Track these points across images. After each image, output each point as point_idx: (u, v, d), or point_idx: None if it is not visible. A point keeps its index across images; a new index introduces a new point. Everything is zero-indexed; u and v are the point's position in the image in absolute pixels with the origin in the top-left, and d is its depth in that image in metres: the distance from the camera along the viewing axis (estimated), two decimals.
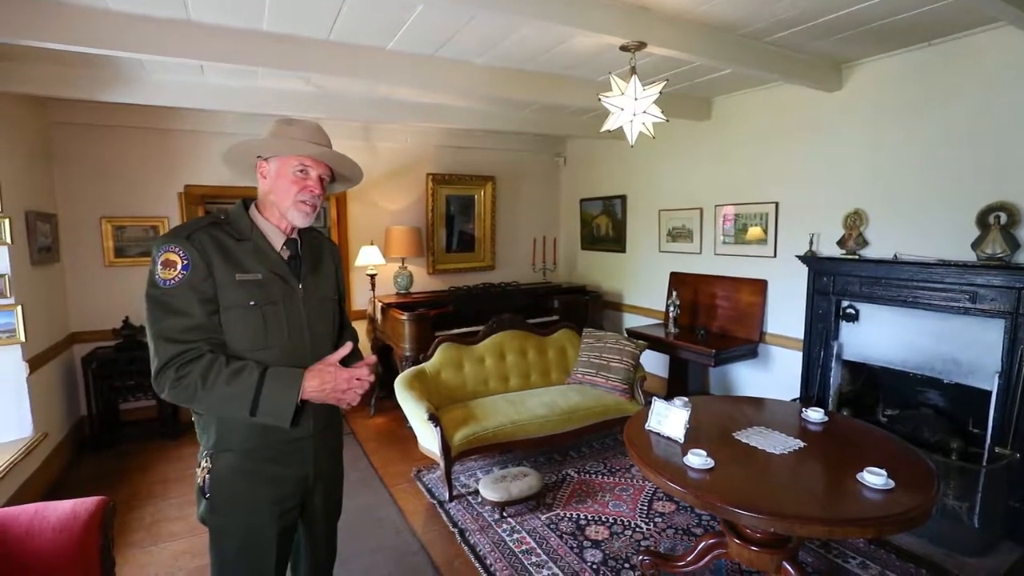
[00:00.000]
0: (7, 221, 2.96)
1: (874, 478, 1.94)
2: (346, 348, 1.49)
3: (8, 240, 2.97)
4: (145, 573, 2.53)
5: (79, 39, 2.38)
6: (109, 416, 4.02)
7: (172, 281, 1.29)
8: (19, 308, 3.01)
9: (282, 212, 1.45)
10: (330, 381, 1.40)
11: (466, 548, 2.69)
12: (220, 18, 2.54)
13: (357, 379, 1.45)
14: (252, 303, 1.38)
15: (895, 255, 3.13)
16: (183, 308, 1.30)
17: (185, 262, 1.30)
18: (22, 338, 3.03)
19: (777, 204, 3.87)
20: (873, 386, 3.53)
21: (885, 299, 3.15)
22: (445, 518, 2.96)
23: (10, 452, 2.76)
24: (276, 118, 1.51)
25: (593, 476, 3.41)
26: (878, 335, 3.30)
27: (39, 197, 3.61)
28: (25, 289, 3.16)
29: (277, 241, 1.48)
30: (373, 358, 1.56)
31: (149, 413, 4.26)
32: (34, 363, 3.19)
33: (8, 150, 3.20)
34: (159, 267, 1.30)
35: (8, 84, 3.01)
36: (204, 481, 1.40)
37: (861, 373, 3.52)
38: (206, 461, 1.40)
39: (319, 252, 1.62)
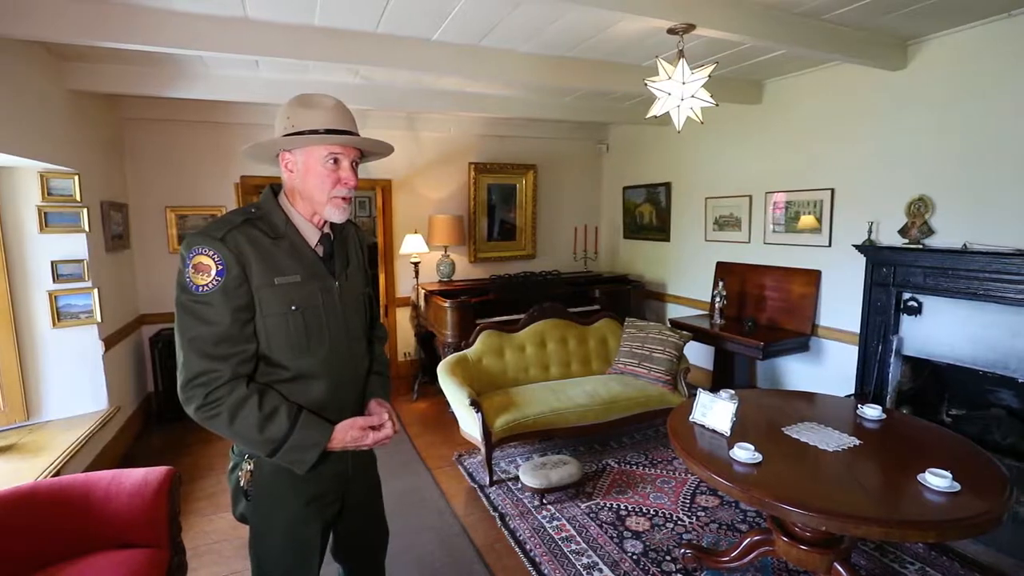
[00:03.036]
0: (85, 211, 3.19)
1: (937, 480, 1.84)
2: (380, 418, 1.42)
3: (86, 228, 3.20)
4: (207, 539, 2.70)
5: (147, 39, 2.53)
6: (173, 393, 4.27)
7: (205, 288, 1.20)
8: (96, 291, 3.24)
9: (316, 208, 1.35)
10: (354, 442, 1.36)
11: (506, 532, 2.73)
12: (274, 14, 2.63)
13: (386, 436, 1.41)
14: (293, 307, 1.30)
15: (964, 244, 2.93)
16: (215, 317, 1.21)
17: (220, 267, 1.21)
18: (98, 319, 3.26)
19: (833, 191, 3.69)
20: (937, 384, 3.33)
21: (952, 291, 2.96)
22: (485, 502, 3.02)
23: (89, 423, 2.99)
24: (290, 99, 1.34)
25: (634, 467, 3.39)
26: (943, 330, 3.11)
27: (112, 188, 3.87)
28: (100, 273, 3.40)
29: (312, 237, 1.38)
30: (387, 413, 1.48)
31: None
32: (108, 342, 3.43)
33: (87, 145, 3.45)
34: (191, 270, 1.21)
35: (86, 83, 3.24)
36: (246, 482, 1.37)
37: (923, 370, 3.33)
38: (247, 463, 1.36)
39: (347, 244, 1.52)
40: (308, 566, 1.44)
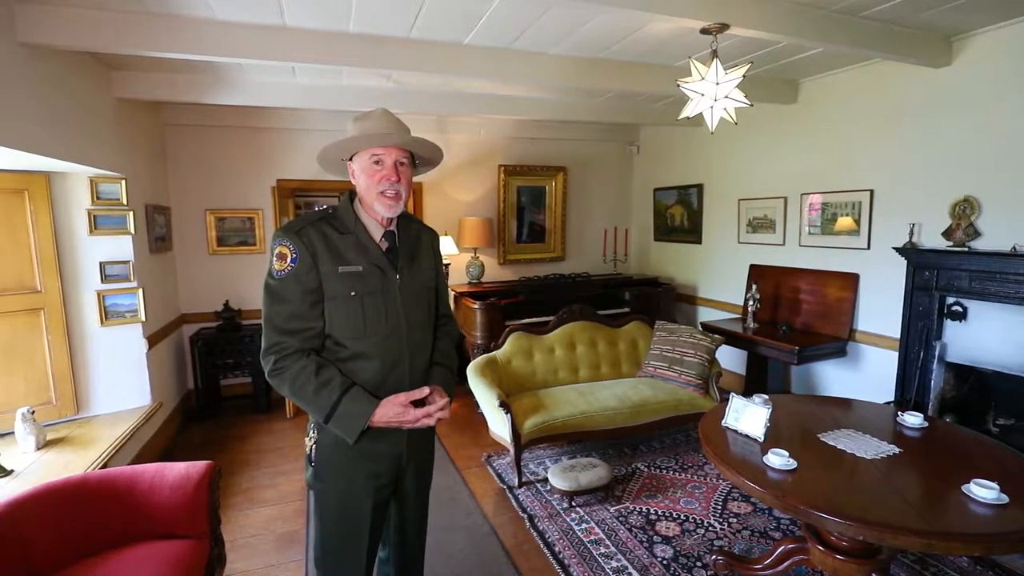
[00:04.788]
0: (131, 214, 3.33)
1: (983, 491, 1.77)
2: (422, 392, 1.53)
3: (132, 231, 3.34)
4: (243, 532, 2.79)
5: (191, 48, 2.63)
6: (212, 390, 4.44)
7: (282, 272, 1.43)
8: (140, 291, 3.38)
9: (371, 205, 1.51)
10: (397, 417, 1.48)
11: (535, 534, 2.73)
12: (311, 22, 2.70)
13: (427, 416, 1.52)
14: (352, 293, 1.47)
15: (1014, 247, 2.81)
16: (288, 297, 1.44)
17: (294, 256, 1.43)
18: (143, 317, 3.40)
19: (872, 192, 3.58)
20: (983, 392, 3.20)
21: (1000, 296, 2.84)
22: (514, 503, 3.03)
23: (134, 418, 3.11)
24: (352, 116, 1.56)
25: (664, 471, 3.35)
26: (991, 335, 2.99)
27: (156, 192, 4.03)
28: (145, 274, 3.54)
29: (376, 233, 1.54)
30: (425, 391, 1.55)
31: (245, 389, 4.66)
32: (152, 340, 3.57)
33: (133, 150, 3.60)
34: (274, 259, 1.45)
35: (132, 91, 3.38)
36: (311, 450, 1.54)
37: (968, 377, 3.20)
38: (313, 432, 1.54)
39: (417, 242, 1.66)
40: (360, 536, 1.56)
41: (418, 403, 1.54)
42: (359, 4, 2.50)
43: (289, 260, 1.42)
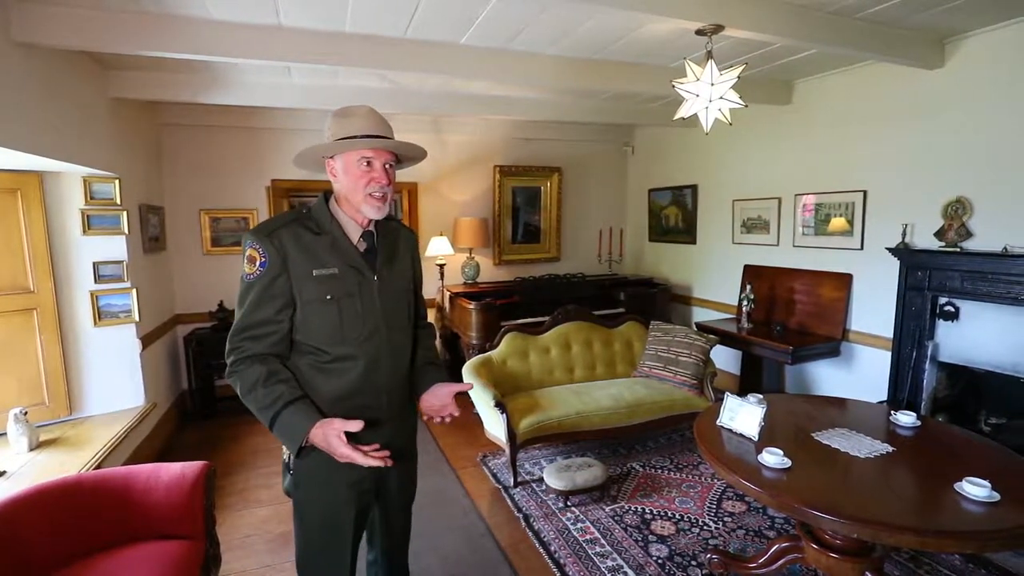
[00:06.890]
0: (125, 214, 3.31)
1: (976, 489, 1.79)
2: (356, 424, 1.34)
3: (126, 230, 3.32)
4: (238, 533, 2.77)
5: (187, 48, 2.62)
6: (206, 391, 4.41)
7: (252, 276, 1.39)
8: (134, 291, 3.36)
9: (355, 206, 1.46)
10: (326, 443, 1.35)
11: (530, 533, 2.74)
12: (307, 22, 2.70)
13: (359, 454, 1.35)
14: (328, 297, 1.42)
15: (1005, 247, 2.84)
16: (255, 301, 1.39)
17: (263, 259, 1.38)
18: (136, 318, 3.38)
19: (865, 193, 3.61)
20: (975, 391, 3.23)
21: (992, 296, 2.87)
22: (510, 503, 3.03)
23: (127, 419, 3.10)
24: (332, 111, 1.49)
25: (659, 471, 3.36)
26: (982, 335, 3.01)
27: (150, 191, 4.01)
28: (138, 274, 3.51)
29: (354, 234, 1.49)
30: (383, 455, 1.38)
31: None
32: (145, 340, 3.55)
33: (128, 150, 3.58)
34: (245, 261, 1.41)
35: (128, 91, 3.36)
36: (289, 457, 1.49)
37: (960, 377, 3.23)
38: None
39: (396, 243, 1.62)
40: (343, 545, 1.52)
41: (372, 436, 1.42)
42: (355, 4, 2.50)
43: (258, 264, 1.38)
